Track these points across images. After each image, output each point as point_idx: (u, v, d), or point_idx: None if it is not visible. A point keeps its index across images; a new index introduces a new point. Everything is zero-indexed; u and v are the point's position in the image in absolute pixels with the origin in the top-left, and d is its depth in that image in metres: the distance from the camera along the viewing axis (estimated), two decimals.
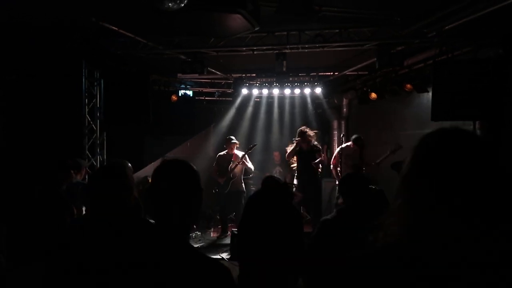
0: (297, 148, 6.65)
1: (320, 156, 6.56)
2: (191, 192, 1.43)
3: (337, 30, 5.52)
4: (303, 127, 6.74)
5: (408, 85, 6.35)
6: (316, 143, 6.69)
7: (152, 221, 1.44)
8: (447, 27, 4.89)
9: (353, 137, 6.68)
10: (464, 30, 4.96)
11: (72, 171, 4.00)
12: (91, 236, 1.84)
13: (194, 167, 1.49)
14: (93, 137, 6.59)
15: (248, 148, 7.20)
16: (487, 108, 4.89)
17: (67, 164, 3.97)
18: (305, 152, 6.62)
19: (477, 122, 5.34)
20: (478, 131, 5.36)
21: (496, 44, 4.95)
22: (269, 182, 2.88)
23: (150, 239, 1.37)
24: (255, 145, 7.37)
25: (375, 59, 5.78)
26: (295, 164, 7.11)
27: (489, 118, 5.11)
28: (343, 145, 6.81)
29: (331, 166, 6.93)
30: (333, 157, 6.97)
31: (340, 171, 6.73)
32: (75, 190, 3.93)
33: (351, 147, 6.64)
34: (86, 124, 6.49)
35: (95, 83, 6.57)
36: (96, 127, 6.61)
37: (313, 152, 6.57)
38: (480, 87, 4.88)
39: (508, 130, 5.13)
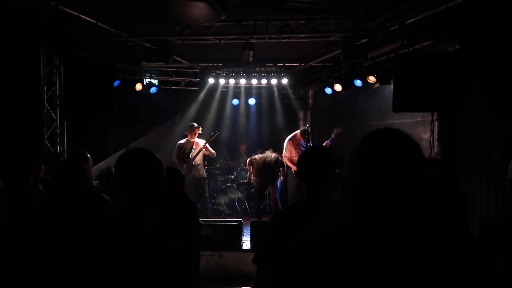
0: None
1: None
2: (154, 182, 1.44)
3: (304, 21, 5.57)
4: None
5: (372, 77, 6.52)
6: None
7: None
8: (408, 22, 5.05)
9: (301, 129, 7.17)
10: (425, 24, 5.14)
11: (42, 165, 3.83)
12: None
13: (158, 156, 1.49)
14: (53, 126, 6.35)
15: (209, 136, 7.18)
16: (444, 100, 5.11)
17: (38, 157, 3.82)
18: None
19: (434, 113, 5.59)
20: (436, 122, 5.63)
21: (453, 39, 5.17)
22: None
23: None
24: (217, 132, 7.36)
25: (340, 51, 5.89)
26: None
27: (445, 110, 5.36)
28: (291, 135, 7.29)
29: (283, 158, 7.22)
30: (284, 150, 7.24)
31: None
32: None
33: (299, 138, 7.07)
34: (45, 112, 6.23)
35: (55, 70, 6.31)
36: (56, 116, 6.37)
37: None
38: (439, 80, 5.08)
39: (463, 120, 5.41)
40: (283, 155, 7.19)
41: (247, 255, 5.55)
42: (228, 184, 8.57)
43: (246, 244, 5.74)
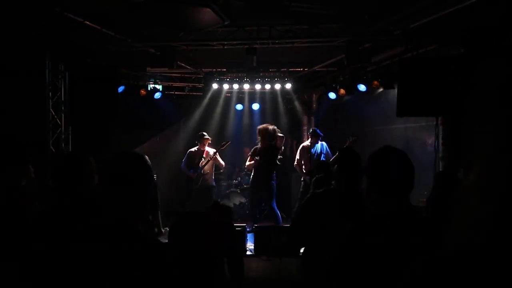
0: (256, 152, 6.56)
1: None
2: (140, 184, 1.46)
3: (307, 26, 5.58)
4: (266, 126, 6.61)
5: (376, 82, 6.51)
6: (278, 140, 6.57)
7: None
8: (412, 26, 5.05)
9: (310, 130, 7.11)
10: (428, 28, 5.13)
11: (30, 166, 3.85)
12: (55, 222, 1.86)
13: (147, 161, 1.51)
14: (58, 131, 6.37)
15: (220, 145, 7.17)
16: (449, 105, 5.09)
17: (26, 158, 3.81)
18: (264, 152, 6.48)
19: (439, 118, 5.56)
20: (440, 126, 5.59)
21: (457, 43, 5.16)
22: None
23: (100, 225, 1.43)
24: (228, 142, 7.30)
25: (344, 55, 5.89)
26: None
27: (450, 114, 5.33)
28: (303, 144, 7.25)
29: (295, 163, 7.21)
30: (297, 156, 7.23)
31: (304, 167, 7.04)
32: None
33: (309, 143, 7.00)
34: (50, 118, 6.26)
35: (60, 76, 6.35)
36: (61, 121, 6.40)
37: (273, 151, 6.44)
38: (443, 84, 5.06)
39: (467, 125, 5.37)
40: (296, 161, 7.21)
41: (251, 260, 5.53)
42: (232, 189, 8.56)
43: (250, 249, 5.72)
